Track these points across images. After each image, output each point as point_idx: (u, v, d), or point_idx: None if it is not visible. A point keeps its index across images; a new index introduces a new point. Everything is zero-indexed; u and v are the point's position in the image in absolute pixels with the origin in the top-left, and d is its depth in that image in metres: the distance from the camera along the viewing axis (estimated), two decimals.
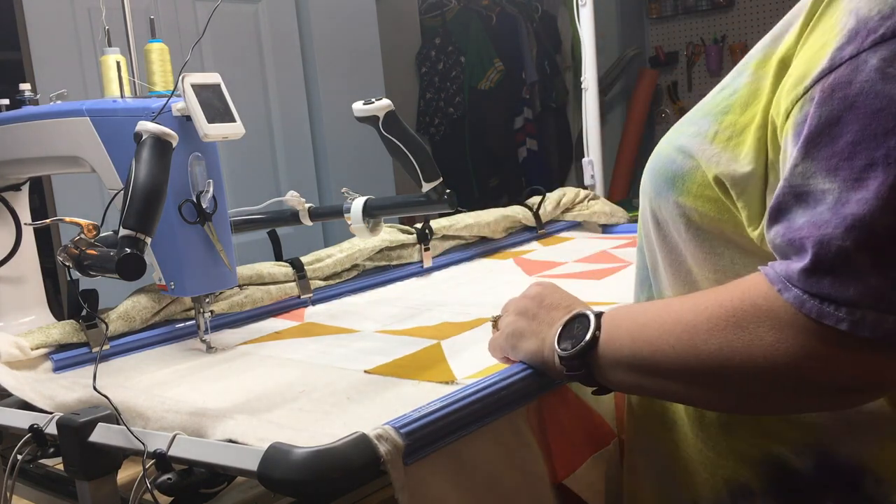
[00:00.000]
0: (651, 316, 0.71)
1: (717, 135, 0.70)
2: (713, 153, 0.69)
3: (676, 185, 0.73)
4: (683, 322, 0.66)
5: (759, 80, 0.67)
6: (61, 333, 1.09)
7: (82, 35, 2.31)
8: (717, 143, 0.69)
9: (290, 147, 2.93)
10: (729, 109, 0.70)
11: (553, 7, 4.71)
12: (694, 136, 0.72)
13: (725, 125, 0.69)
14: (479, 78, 4.30)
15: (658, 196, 0.76)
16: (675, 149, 0.74)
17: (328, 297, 1.41)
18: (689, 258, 0.75)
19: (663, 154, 0.77)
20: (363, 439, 0.70)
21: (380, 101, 1.18)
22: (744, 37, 4.73)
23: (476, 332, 1.14)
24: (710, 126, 0.71)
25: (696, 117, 0.74)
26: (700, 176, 0.70)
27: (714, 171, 0.68)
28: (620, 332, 0.73)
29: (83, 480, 0.82)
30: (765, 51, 0.68)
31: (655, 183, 0.76)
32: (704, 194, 0.70)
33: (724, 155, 0.68)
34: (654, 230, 0.79)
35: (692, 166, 0.71)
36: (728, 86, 0.72)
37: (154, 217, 0.90)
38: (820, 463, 0.72)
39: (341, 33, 3.08)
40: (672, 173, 0.73)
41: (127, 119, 1.03)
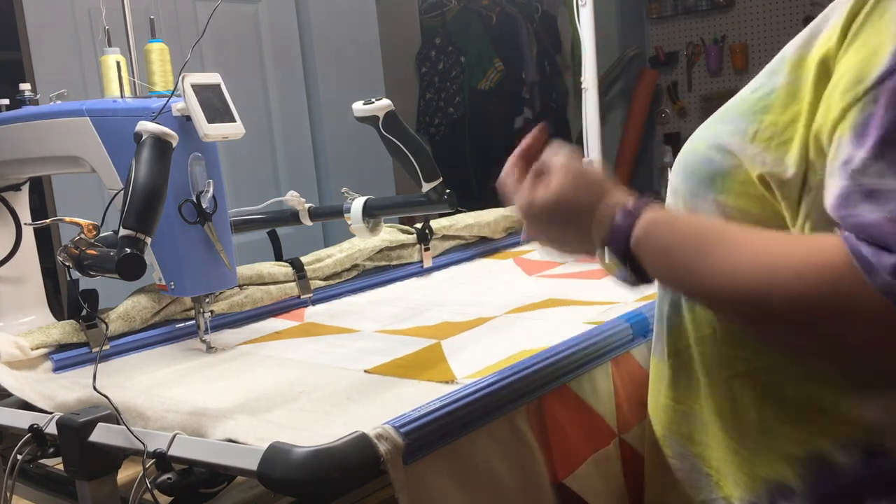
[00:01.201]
0: (708, 261, 0.68)
1: (758, 133, 0.70)
2: (756, 152, 0.70)
3: (716, 184, 0.73)
4: (753, 279, 0.64)
5: (798, 81, 0.68)
6: (61, 333, 1.09)
7: (82, 35, 2.31)
8: (759, 142, 0.70)
9: (290, 147, 2.93)
10: (768, 109, 0.70)
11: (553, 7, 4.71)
12: (732, 134, 0.72)
13: (766, 124, 0.70)
14: (479, 78, 4.30)
15: (694, 196, 0.75)
16: (712, 147, 0.74)
17: (328, 297, 1.41)
18: None
19: (698, 153, 0.76)
20: (363, 439, 0.70)
21: (380, 101, 1.18)
22: (744, 37, 4.73)
23: (476, 332, 1.14)
24: (748, 125, 0.71)
25: (731, 116, 0.74)
26: (742, 174, 0.71)
27: (759, 170, 0.69)
28: (669, 232, 0.72)
29: (83, 480, 0.82)
30: (799, 51, 0.69)
31: (690, 182, 0.76)
32: (747, 192, 0.71)
33: (768, 155, 0.69)
34: None
35: (733, 164, 0.71)
36: (762, 86, 0.72)
37: (154, 217, 0.90)
38: (866, 459, 0.70)
39: (341, 33, 3.07)
40: (711, 172, 0.73)
41: (127, 119, 1.03)
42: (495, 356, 0.99)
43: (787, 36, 0.71)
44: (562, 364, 0.91)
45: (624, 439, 0.94)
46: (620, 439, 0.94)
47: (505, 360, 0.96)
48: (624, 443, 0.94)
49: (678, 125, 4.99)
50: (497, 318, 1.20)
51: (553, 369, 0.90)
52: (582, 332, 1.00)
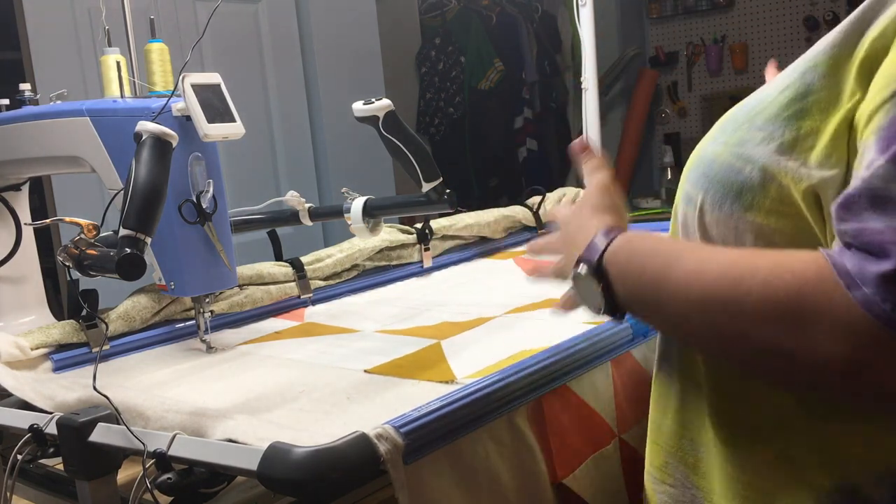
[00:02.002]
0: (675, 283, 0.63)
1: (798, 143, 0.62)
2: (797, 165, 0.62)
3: (744, 200, 0.65)
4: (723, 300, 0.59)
5: (840, 83, 0.61)
6: (61, 333, 1.09)
7: (82, 35, 2.31)
8: (800, 153, 0.62)
9: (290, 147, 2.93)
10: (806, 113, 0.63)
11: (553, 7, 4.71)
12: (765, 143, 0.64)
13: (806, 132, 0.62)
14: (479, 78, 4.30)
15: (717, 209, 0.68)
16: (740, 158, 0.66)
17: (328, 297, 1.41)
18: None
19: (722, 162, 0.68)
20: (363, 439, 0.70)
21: (380, 101, 1.18)
22: (744, 37, 4.73)
23: (476, 332, 1.14)
24: (785, 132, 0.63)
25: (760, 121, 0.66)
26: (776, 190, 0.64)
27: (805, 184, 0.62)
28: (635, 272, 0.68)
29: (83, 480, 0.82)
30: (839, 49, 0.62)
31: (713, 195, 0.68)
32: (780, 210, 0.64)
33: (811, 165, 0.62)
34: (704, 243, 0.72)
35: (765, 179, 0.64)
36: (792, 85, 0.64)
37: (154, 217, 0.90)
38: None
39: (341, 33, 3.07)
40: (739, 186, 0.66)
41: (127, 119, 1.03)
42: (495, 356, 0.99)
43: (788, 36, 0.70)
44: (562, 364, 0.91)
45: (624, 439, 0.94)
46: (620, 439, 0.94)
47: (505, 360, 0.96)
48: (624, 443, 0.94)
49: (678, 125, 4.99)
50: (497, 318, 1.20)
51: (553, 369, 0.90)
52: (582, 332, 1.00)
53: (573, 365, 0.92)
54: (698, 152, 0.73)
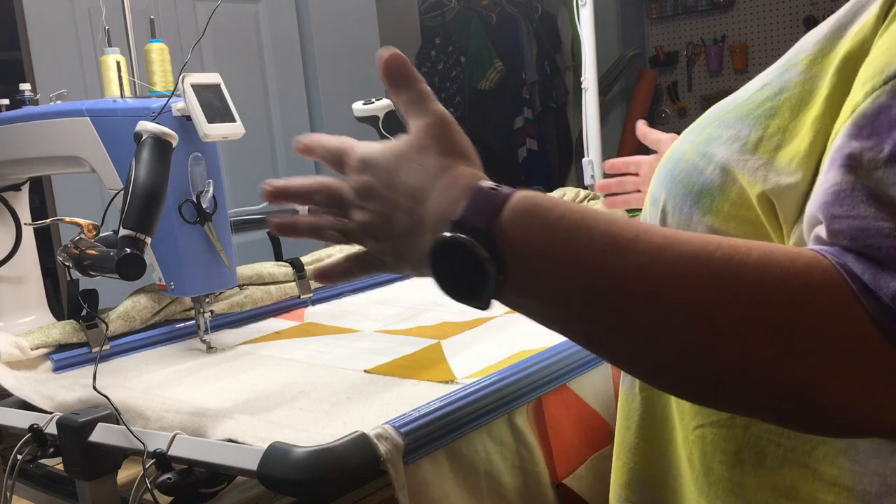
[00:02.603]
0: (621, 235, 0.50)
1: (762, 143, 0.56)
2: (757, 165, 0.56)
3: (703, 202, 0.59)
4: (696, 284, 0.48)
5: (815, 80, 0.55)
6: (61, 333, 1.09)
7: (82, 35, 2.31)
8: (763, 153, 0.56)
9: (290, 147, 2.93)
10: (776, 112, 0.57)
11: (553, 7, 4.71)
12: (730, 142, 0.58)
13: (773, 131, 0.56)
14: (479, 78, 4.30)
15: (678, 212, 0.61)
16: (704, 156, 0.60)
17: (328, 297, 1.41)
18: None
19: (687, 160, 0.62)
20: (363, 439, 0.70)
21: (380, 101, 1.19)
22: (744, 37, 4.73)
23: (476, 332, 1.14)
24: (751, 131, 0.57)
25: (731, 119, 0.60)
26: (736, 193, 0.57)
27: (759, 188, 0.55)
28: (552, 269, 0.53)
29: (83, 480, 0.82)
30: (820, 45, 0.56)
31: (675, 196, 0.62)
32: (740, 214, 0.57)
33: (773, 167, 0.55)
34: None
35: (726, 181, 0.58)
36: (770, 83, 0.59)
37: (154, 217, 0.90)
38: None
39: (341, 33, 3.08)
40: (699, 186, 0.60)
41: (127, 119, 1.03)
42: (495, 356, 0.99)
43: (788, 36, 0.67)
44: (562, 364, 0.91)
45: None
46: None
47: (505, 360, 0.96)
48: None
49: (678, 125, 4.99)
50: (497, 318, 1.20)
51: (553, 369, 0.90)
52: None
53: (573, 365, 0.92)
54: (671, 148, 0.66)
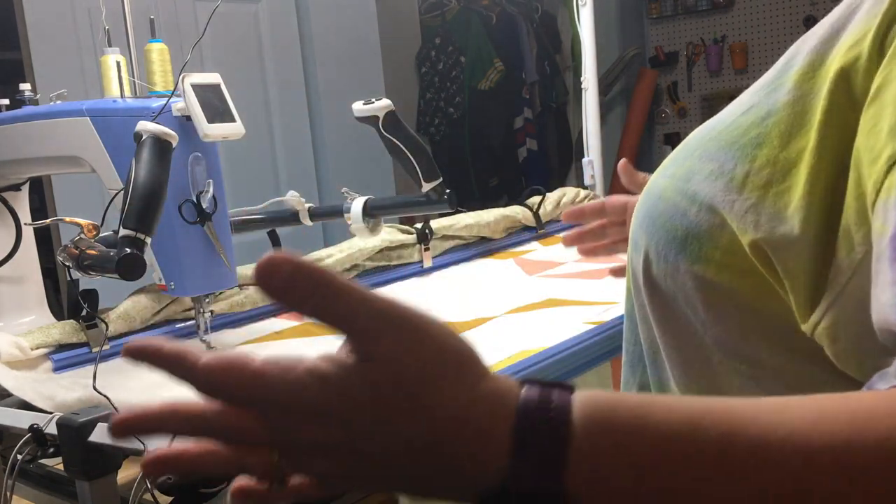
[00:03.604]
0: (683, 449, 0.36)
1: (750, 178, 0.48)
2: (746, 206, 0.47)
3: (690, 250, 0.51)
4: (767, 490, 0.35)
5: (807, 98, 0.47)
6: (61, 333, 1.09)
7: (82, 35, 2.31)
8: (751, 191, 0.47)
9: (290, 147, 2.93)
10: (763, 141, 0.48)
11: (553, 7, 4.71)
12: (713, 178, 0.50)
13: (761, 163, 0.48)
14: (479, 78, 4.30)
15: (662, 260, 0.53)
16: (685, 195, 0.52)
17: None
18: (710, 344, 0.52)
19: (667, 199, 0.53)
20: None
21: (380, 101, 1.19)
22: (744, 37, 4.73)
23: (476, 332, 1.14)
24: (736, 164, 0.49)
25: (713, 149, 0.51)
26: (727, 239, 0.49)
27: (751, 236, 0.47)
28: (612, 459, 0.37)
29: (83, 480, 0.82)
30: (810, 58, 0.48)
31: (657, 242, 0.53)
32: (734, 264, 0.49)
33: (764, 210, 0.46)
34: (652, 302, 0.56)
35: (714, 223, 0.49)
36: (757, 105, 0.50)
37: (154, 217, 0.90)
38: None
39: (341, 33, 3.07)
40: (684, 231, 0.51)
41: (127, 119, 1.03)
42: (495, 356, 0.99)
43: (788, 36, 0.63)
44: (561, 364, 0.91)
45: None
46: None
47: (505, 361, 0.96)
48: None
49: (678, 125, 4.99)
50: (497, 319, 1.20)
51: (552, 370, 0.90)
52: (582, 332, 1.00)
53: (572, 365, 0.92)
54: (649, 184, 0.57)
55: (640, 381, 0.62)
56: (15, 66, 2.26)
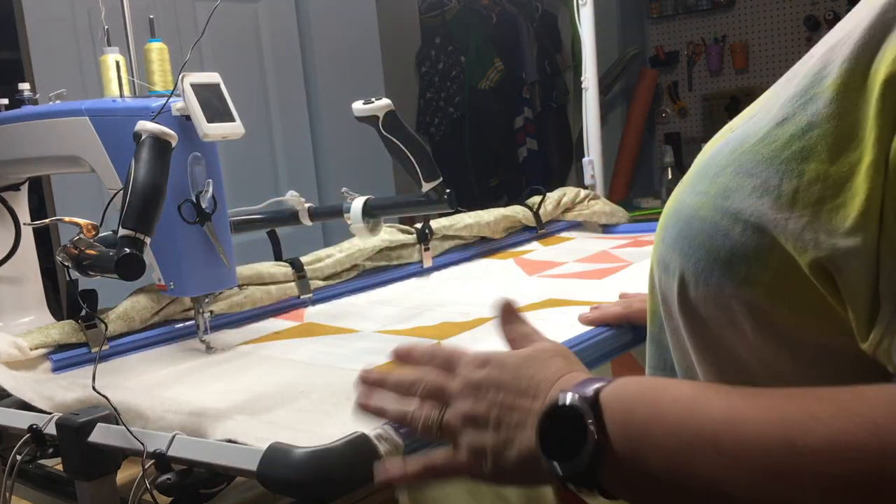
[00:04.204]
0: (699, 431, 0.45)
1: (800, 194, 0.46)
2: (802, 224, 0.45)
3: (736, 271, 0.49)
4: (773, 466, 0.42)
5: (854, 112, 0.45)
6: (60, 333, 1.09)
7: (82, 35, 2.31)
8: (804, 208, 0.45)
9: (290, 147, 2.93)
10: (809, 154, 0.46)
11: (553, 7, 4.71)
12: (758, 195, 0.48)
13: (810, 178, 0.46)
14: (479, 78, 4.30)
15: (703, 283, 0.51)
16: (725, 213, 0.50)
17: (328, 297, 1.41)
18: (756, 367, 0.51)
19: (704, 218, 0.51)
20: (363, 439, 0.70)
21: (380, 101, 1.18)
22: (744, 36, 4.72)
23: (476, 332, 1.13)
24: (782, 179, 0.47)
25: (750, 164, 0.49)
26: (778, 260, 0.47)
27: (812, 255, 0.45)
28: (646, 444, 0.48)
29: (83, 480, 0.82)
30: (849, 67, 0.46)
31: (695, 262, 0.51)
32: (785, 286, 0.47)
33: (822, 227, 0.45)
34: (690, 327, 0.54)
35: (762, 244, 0.47)
36: (793, 117, 0.48)
37: (153, 217, 0.89)
38: None
39: (341, 33, 3.07)
40: (728, 252, 0.49)
41: (126, 119, 1.02)
42: None
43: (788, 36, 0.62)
44: None
45: None
46: None
47: None
48: None
49: (678, 125, 4.99)
50: None
51: None
52: (582, 332, 1.00)
53: None
54: (675, 202, 0.56)
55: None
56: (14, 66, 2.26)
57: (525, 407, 0.56)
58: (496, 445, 0.57)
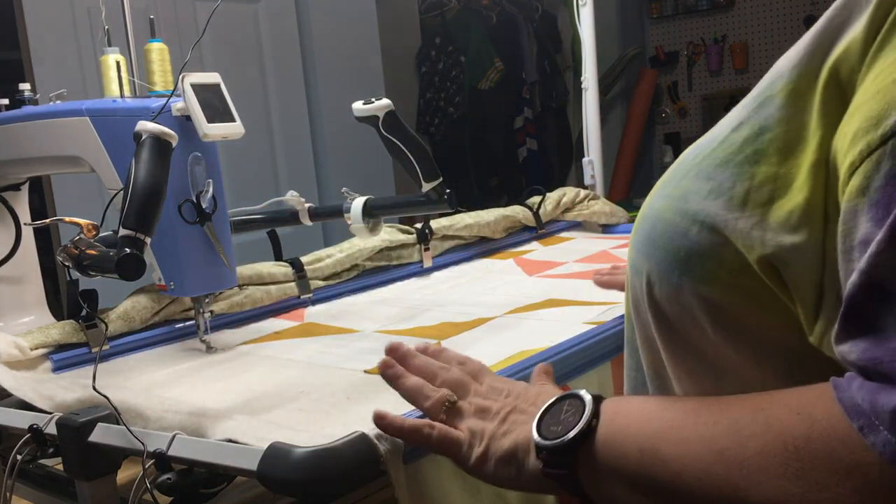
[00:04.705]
0: (670, 423, 0.51)
1: (751, 195, 0.48)
2: (750, 224, 0.48)
3: (694, 270, 0.51)
4: (716, 449, 0.47)
5: (802, 115, 0.47)
6: (61, 333, 1.09)
7: (82, 35, 2.31)
8: (754, 208, 0.48)
9: (290, 147, 2.93)
10: (761, 157, 0.48)
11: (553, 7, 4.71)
12: (713, 196, 0.50)
13: (761, 180, 0.48)
14: (479, 78, 4.30)
15: (665, 282, 0.53)
16: (684, 215, 0.52)
17: (328, 297, 1.41)
18: (721, 365, 0.54)
19: (666, 220, 0.54)
20: (363, 439, 0.70)
21: (380, 101, 1.18)
22: (744, 36, 4.73)
23: (476, 332, 1.14)
24: (735, 182, 0.49)
25: (708, 167, 0.52)
26: (731, 257, 0.49)
27: (758, 252, 0.47)
28: (626, 435, 0.54)
29: (83, 480, 0.82)
30: (799, 71, 0.48)
31: (658, 262, 0.54)
32: (739, 283, 0.49)
33: (769, 226, 0.47)
34: (658, 326, 0.57)
35: (716, 242, 0.50)
36: (748, 121, 0.50)
37: (154, 217, 0.89)
38: None
39: (341, 33, 3.07)
40: (686, 252, 0.51)
41: (127, 119, 1.02)
42: (495, 357, 0.99)
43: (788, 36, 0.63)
44: (562, 364, 0.91)
45: None
46: None
47: (505, 361, 0.96)
48: None
49: (678, 125, 4.99)
50: (497, 319, 1.20)
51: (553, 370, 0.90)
52: (582, 332, 1.00)
53: (573, 365, 0.92)
54: (645, 206, 0.59)
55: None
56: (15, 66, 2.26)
57: (531, 412, 0.62)
58: (494, 432, 0.63)
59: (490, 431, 0.63)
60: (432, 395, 0.68)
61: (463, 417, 0.66)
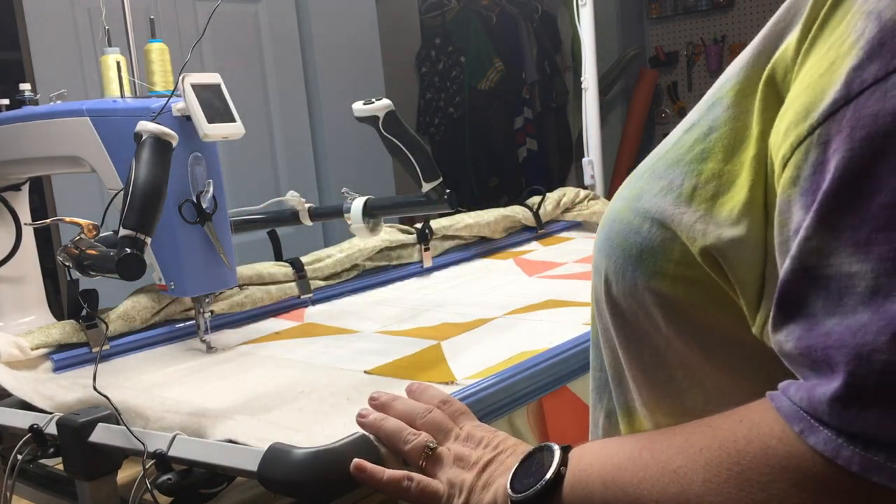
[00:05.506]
0: (628, 454, 0.54)
1: (698, 191, 0.50)
2: (694, 218, 0.50)
3: (645, 265, 0.53)
4: (671, 468, 0.49)
5: (746, 114, 0.49)
6: (61, 333, 1.09)
7: (82, 35, 2.31)
8: (700, 203, 0.50)
9: (290, 147, 2.93)
10: (708, 155, 0.50)
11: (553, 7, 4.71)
12: (663, 194, 0.52)
13: (707, 177, 0.50)
14: (479, 78, 4.29)
15: (620, 279, 0.55)
16: (637, 213, 0.54)
17: (328, 297, 1.41)
18: (673, 361, 0.55)
19: (621, 220, 0.55)
20: (363, 440, 0.70)
21: (380, 101, 1.18)
22: (744, 37, 4.72)
23: (476, 333, 1.14)
24: (684, 179, 0.51)
25: (661, 167, 0.54)
26: (678, 250, 0.51)
27: (701, 243, 0.49)
28: (591, 473, 0.56)
29: (83, 480, 0.82)
30: (745, 73, 0.50)
31: (615, 260, 0.55)
32: (687, 276, 0.51)
33: (710, 219, 0.49)
34: (615, 324, 0.58)
35: (666, 237, 0.51)
36: (698, 123, 0.53)
37: (154, 217, 0.89)
38: None
39: (341, 33, 3.07)
40: (638, 248, 0.53)
41: (127, 119, 1.02)
42: (495, 357, 0.99)
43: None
44: (562, 366, 0.91)
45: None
46: None
47: (505, 362, 0.96)
48: None
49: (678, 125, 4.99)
50: (497, 319, 1.20)
51: (553, 371, 0.90)
52: (582, 332, 1.00)
53: (573, 366, 0.92)
54: (605, 212, 0.60)
55: (607, 408, 0.64)
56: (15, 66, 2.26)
57: (508, 464, 0.64)
58: (473, 485, 0.64)
59: (469, 484, 0.65)
60: (411, 439, 0.70)
61: (442, 465, 0.67)
